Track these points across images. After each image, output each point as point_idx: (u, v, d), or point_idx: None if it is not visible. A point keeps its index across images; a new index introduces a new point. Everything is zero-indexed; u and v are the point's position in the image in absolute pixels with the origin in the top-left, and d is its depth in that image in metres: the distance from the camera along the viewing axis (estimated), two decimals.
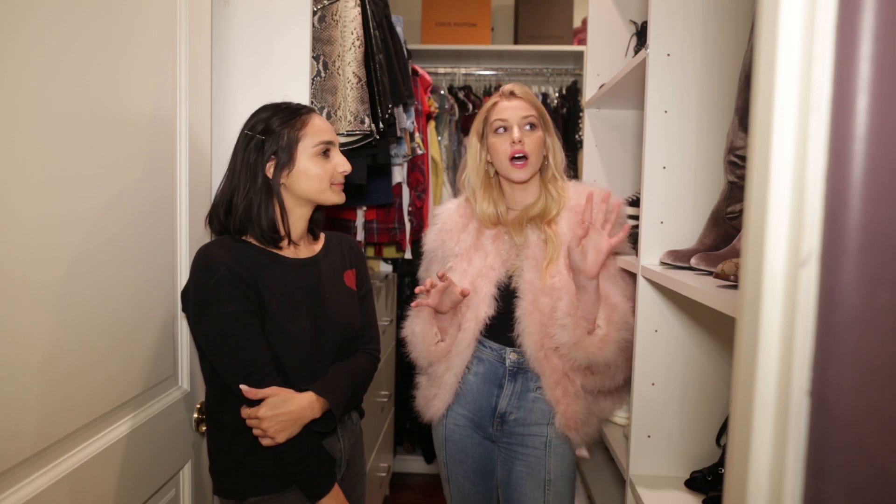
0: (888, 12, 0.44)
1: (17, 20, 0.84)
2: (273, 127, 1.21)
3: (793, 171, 0.48)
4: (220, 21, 1.55)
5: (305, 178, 1.22)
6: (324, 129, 1.25)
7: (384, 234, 2.47)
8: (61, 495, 0.93)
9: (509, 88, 1.53)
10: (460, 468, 1.57)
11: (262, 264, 1.21)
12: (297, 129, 1.22)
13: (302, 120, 1.23)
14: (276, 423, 1.13)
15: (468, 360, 1.49)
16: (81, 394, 0.99)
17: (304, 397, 1.18)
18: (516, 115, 1.49)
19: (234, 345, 1.15)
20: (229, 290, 1.14)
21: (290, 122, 1.22)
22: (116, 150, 1.07)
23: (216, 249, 1.18)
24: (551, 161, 1.53)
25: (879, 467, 0.46)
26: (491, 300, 1.46)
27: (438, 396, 1.52)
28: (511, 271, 1.49)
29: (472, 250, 1.51)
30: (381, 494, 2.77)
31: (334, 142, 1.26)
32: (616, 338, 1.36)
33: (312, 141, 1.22)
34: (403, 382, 3.10)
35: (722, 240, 1.24)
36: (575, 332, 1.35)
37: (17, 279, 0.85)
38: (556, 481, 1.48)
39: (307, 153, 1.22)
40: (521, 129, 1.48)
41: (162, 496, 1.24)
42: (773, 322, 0.49)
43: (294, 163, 1.21)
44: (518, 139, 1.46)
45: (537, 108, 1.52)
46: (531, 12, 3.17)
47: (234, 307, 1.14)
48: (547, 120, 1.53)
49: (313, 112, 1.27)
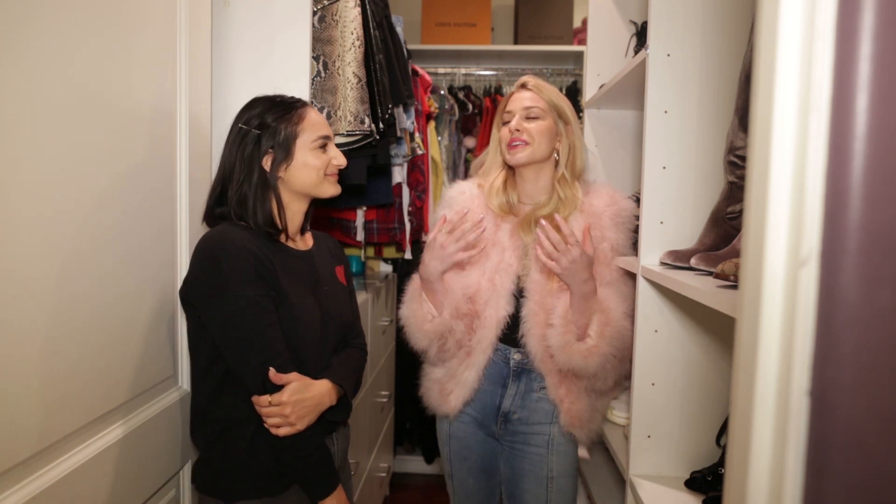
0: (888, 12, 0.44)
1: (19, 18, 0.84)
2: (268, 121, 1.21)
3: (793, 171, 0.48)
4: (220, 21, 1.55)
5: (304, 171, 1.22)
6: (320, 124, 1.25)
7: (384, 234, 2.47)
8: (61, 495, 0.93)
9: (522, 80, 1.55)
10: (464, 465, 1.58)
11: (273, 249, 1.20)
12: (295, 124, 1.22)
13: (298, 114, 1.23)
14: (298, 409, 1.12)
15: (490, 358, 1.49)
16: (80, 394, 0.99)
17: (322, 384, 1.18)
18: (520, 106, 1.50)
19: (254, 330, 1.11)
20: (248, 272, 1.11)
21: (286, 117, 1.22)
22: (116, 151, 1.07)
23: (229, 232, 1.15)
24: (562, 158, 1.51)
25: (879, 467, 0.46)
26: (510, 297, 1.47)
27: (455, 393, 1.51)
28: (519, 271, 1.49)
29: (490, 244, 1.51)
30: (381, 494, 2.77)
31: (330, 136, 1.27)
32: (604, 351, 1.37)
33: (311, 136, 1.22)
34: (403, 382, 3.10)
35: (722, 240, 1.24)
36: (564, 336, 1.37)
37: (13, 277, 0.84)
38: (559, 478, 1.49)
39: (306, 148, 1.22)
40: (521, 118, 1.49)
41: (162, 496, 1.24)
42: (773, 322, 0.49)
43: (292, 157, 1.21)
44: (515, 127, 1.48)
45: (549, 100, 1.50)
46: (531, 12, 3.17)
47: (253, 291, 1.11)
48: (563, 114, 1.51)
49: (308, 105, 1.26)
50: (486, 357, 1.48)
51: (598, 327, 1.37)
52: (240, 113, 1.24)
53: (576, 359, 1.37)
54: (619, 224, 1.48)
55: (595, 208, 1.48)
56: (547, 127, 1.49)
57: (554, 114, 1.50)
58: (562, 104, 1.51)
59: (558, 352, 1.38)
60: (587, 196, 1.51)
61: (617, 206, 1.49)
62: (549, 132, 1.49)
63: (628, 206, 1.50)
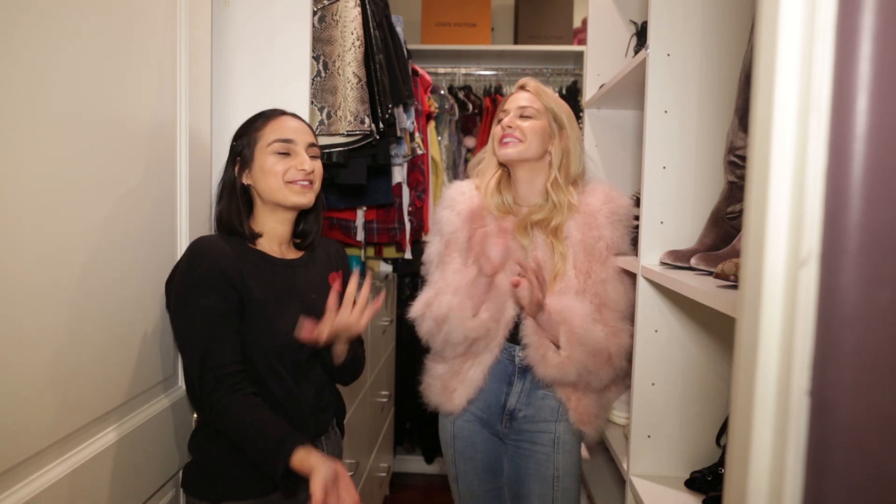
0: (888, 12, 0.44)
1: (17, 23, 0.84)
2: (244, 130, 1.25)
3: (793, 171, 0.48)
4: (220, 21, 1.55)
5: (262, 175, 1.22)
6: (284, 129, 1.23)
7: (384, 234, 2.47)
8: (61, 495, 0.93)
9: (522, 82, 1.56)
10: (469, 465, 1.57)
11: (250, 260, 1.20)
12: (258, 130, 1.23)
13: (266, 119, 1.24)
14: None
15: (497, 357, 1.49)
16: (82, 394, 1.00)
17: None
18: (516, 105, 1.51)
19: (201, 340, 1.11)
20: (210, 285, 1.13)
21: (255, 125, 1.24)
22: (116, 151, 1.07)
23: (204, 244, 1.17)
24: (555, 161, 1.50)
25: (879, 467, 0.46)
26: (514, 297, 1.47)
27: (459, 391, 1.50)
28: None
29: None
30: (381, 494, 2.77)
31: (295, 140, 1.23)
32: (578, 358, 1.38)
33: (268, 139, 1.22)
34: (403, 382, 3.10)
35: (722, 240, 1.24)
36: (538, 351, 1.41)
37: (19, 282, 0.85)
38: (564, 478, 1.49)
39: (264, 152, 1.22)
40: (515, 116, 1.50)
41: (162, 496, 1.24)
42: (773, 322, 0.49)
43: (253, 161, 1.22)
44: (507, 124, 1.49)
45: (546, 103, 1.51)
46: (531, 12, 3.17)
47: (211, 302, 1.13)
48: (558, 118, 1.51)
49: (284, 115, 1.26)
50: (493, 356, 1.48)
51: (566, 337, 1.38)
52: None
53: (552, 371, 1.40)
54: (616, 222, 1.47)
55: (591, 207, 1.48)
56: (540, 127, 1.49)
57: (549, 116, 1.50)
58: (558, 109, 1.51)
59: (537, 367, 1.42)
60: (583, 195, 1.51)
61: (613, 203, 1.48)
62: (542, 132, 1.49)
63: (624, 203, 1.50)
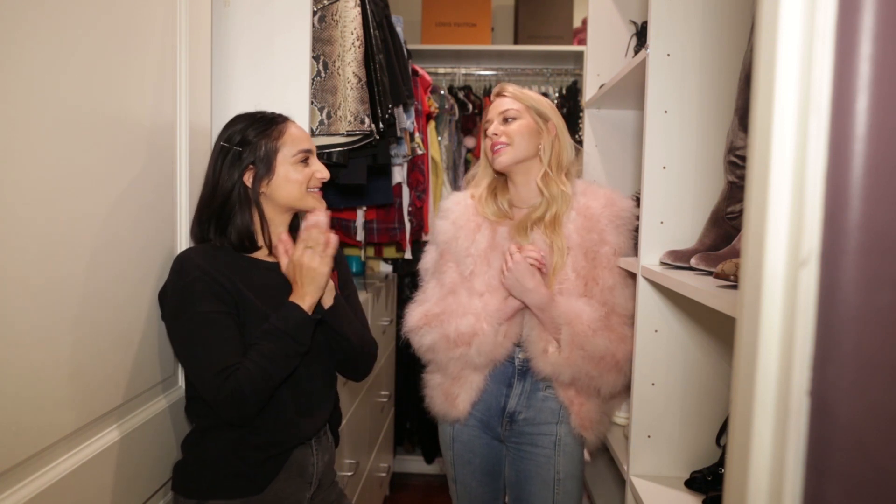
0: (888, 12, 0.44)
1: (17, 22, 0.84)
2: (250, 138, 1.22)
3: (793, 172, 0.48)
4: (220, 21, 1.55)
5: (286, 185, 1.22)
6: (301, 138, 1.25)
7: (384, 234, 2.47)
8: (61, 495, 0.93)
9: (497, 89, 1.57)
10: (468, 468, 1.57)
11: (240, 267, 1.21)
12: (275, 139, 1.22)
13: (279, 129, 1.23)
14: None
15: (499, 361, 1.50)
16: (81, 394, 1.00)
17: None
18: (496, 112, 1.53)
19: (204, 344, 1.12)
20: (202, 291, 1.13)
21: (266, 133, 1.22)
22: (116, 151, 1.07)
23: (190, 254, 1.18)
24: (545, 154, 1.50)
25: (879, 467, 0.46)
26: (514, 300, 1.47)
27: (462, 397, 1.50)
28: None
29: (489, 251, 1.50)
30: (381, 494, 2.77)
31: (312, 150, 1.26)
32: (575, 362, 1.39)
33: (292, 150, 1.22)
34: (403, 382, 3.10)
35: (722, 240, 1.24)
36: (538, 345, 1.42)
37: (17, 281, 0.85)
38: (565, 480, 1.48)
39: (287, 163, 1.22)
40: (499, 122, 1.51)
41: (162, 496, 1.24)
42: (773, 322, 0.49)
43: (274, 172, 1.22)
44: (493, 132, 1.51)
45: (525, 101, 1.51)
46: (531, 12, 3.17)
47: (206, 308, 1.13)
48: (541, 112, 1.51)
49: (288, 121, 1.27)
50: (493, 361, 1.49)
51: (567, 338, 1.38)
52: (222, 130, 1.25)
53: (548, 367, 1.41)
54: (620, 226, 1.47)
55: (592, 210, 1.47)
56: (526, 125, 1.49)
57: (532, 112, 1.50)
58: (538, 104, 1.52)
59: (535, 359, 1.43)
60: (583, 197, 1.50)
61: (615, 206, 1.48)
62: (529, 130, 1.49)
63: (627, 206, 1.49)
